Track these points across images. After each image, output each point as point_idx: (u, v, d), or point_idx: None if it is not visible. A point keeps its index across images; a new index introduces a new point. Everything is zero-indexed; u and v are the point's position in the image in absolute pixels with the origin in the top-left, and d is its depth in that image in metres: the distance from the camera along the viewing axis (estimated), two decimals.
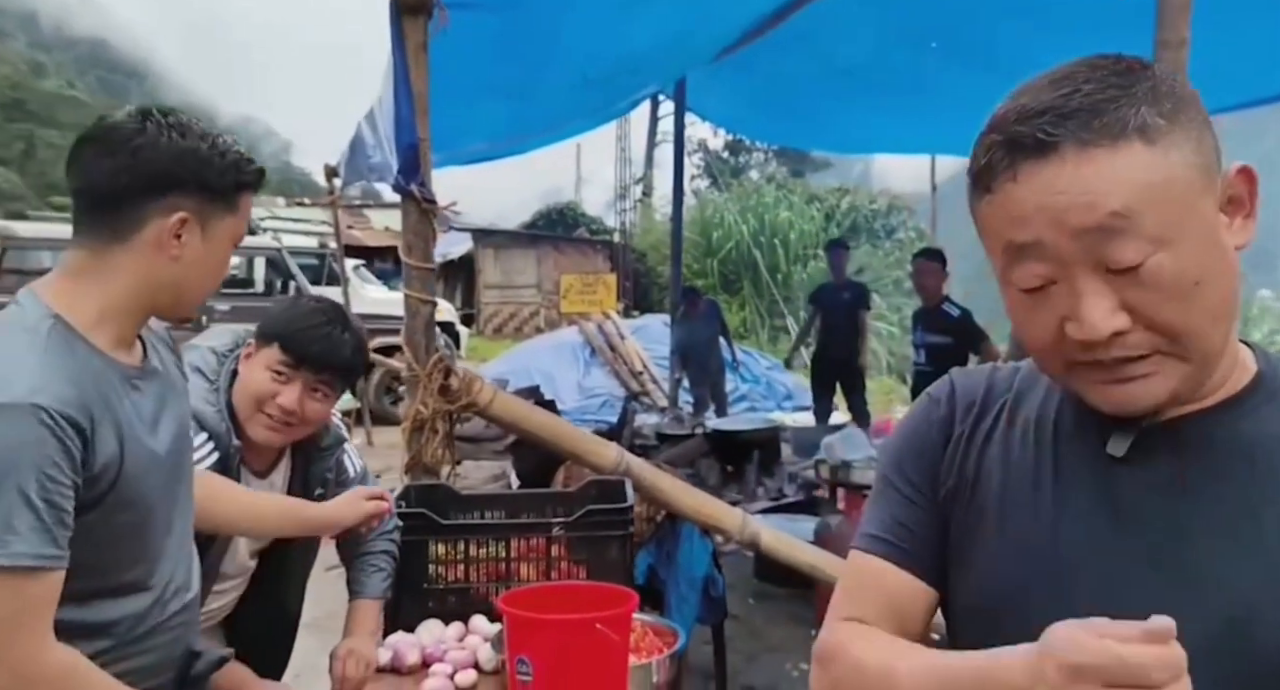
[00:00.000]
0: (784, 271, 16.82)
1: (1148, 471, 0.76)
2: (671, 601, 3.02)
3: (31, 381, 1.10)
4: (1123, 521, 0.76)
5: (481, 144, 4.24)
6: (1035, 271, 0.71)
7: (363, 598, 1.86)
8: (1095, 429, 0.79)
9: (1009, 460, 0.83)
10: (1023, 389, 0.88)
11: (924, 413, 0.91)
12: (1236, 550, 0.72)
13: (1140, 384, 0.71)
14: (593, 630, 1.52)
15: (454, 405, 2.38)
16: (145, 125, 1.20)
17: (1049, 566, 0.78)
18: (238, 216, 1.29)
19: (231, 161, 1.26)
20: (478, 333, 18.68)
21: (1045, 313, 0.73)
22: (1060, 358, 0.74)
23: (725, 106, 7.02)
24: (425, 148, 2.38)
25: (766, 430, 6.60)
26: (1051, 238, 0.69)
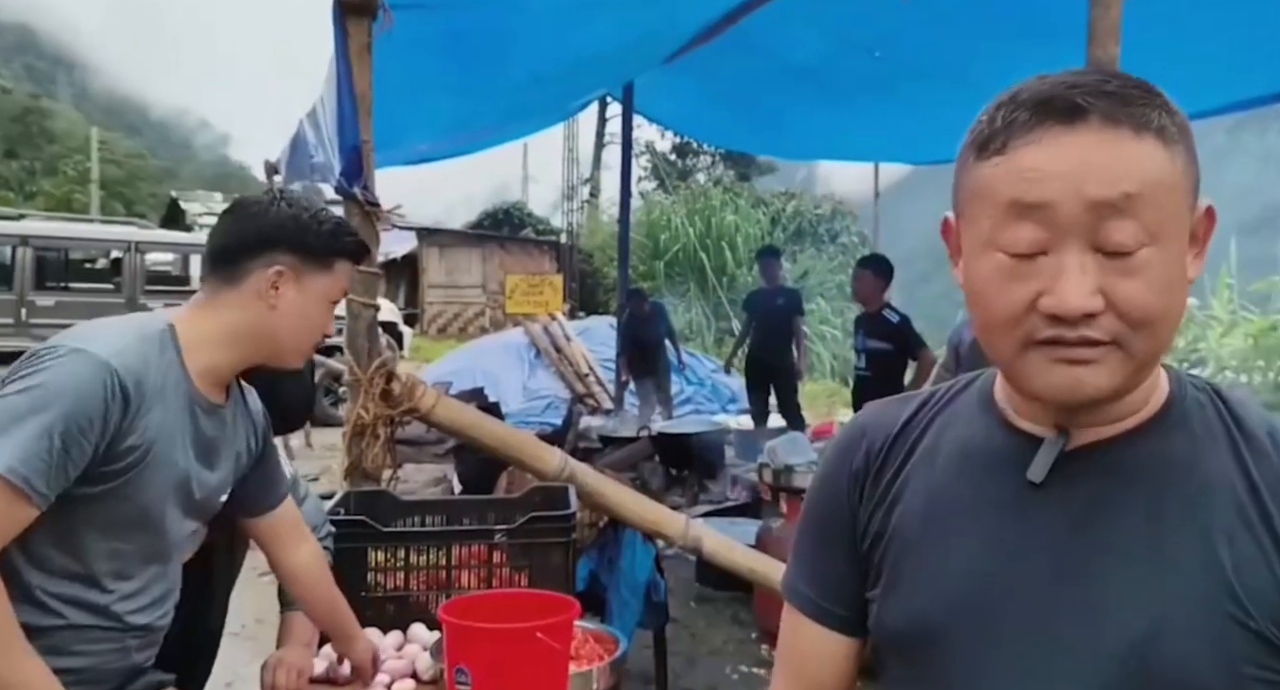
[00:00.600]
0: (730, 274, 16.95)
1: (1065, 497, 0.78)
2: (614, 607, 3.03)
3: (117, 346, 1.30)
4: (1041, 549, 0.77)
5: (425, 144, 4.18)
6: (1031, 236, 0.71)
7: (297, 609, 1.83)
8: (1015, 456, 0.81)
9: (929, 492, 0.84)
10: (946, 417, 0.89)
11: (835, 462, 0.92)
12: (1147, 572, 0.74)
13: (1090, 370, 0.72)
14: (533, 639, 1.51)
15: (396, 410, 2.35)
16: (266, 198, 1.48)
17: (970, 598, 0.79)
18: (333, 277, 1.50)
19: (329, 230, 1.49)
20: (421, 333, 18.46)
21: (1022, 283, 0.72)
22: (1019, 334, 0.73)
23: (673, 109, 7.05)
24: (368, 149, 2.35)
25: (711, 433, 6.64)
26: (1064, 203, 0.70)
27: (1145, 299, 0.71)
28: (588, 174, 25.04)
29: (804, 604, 0.92)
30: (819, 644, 0.91)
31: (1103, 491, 0.77)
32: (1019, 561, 0.77)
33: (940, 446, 0.86)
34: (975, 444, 0.84)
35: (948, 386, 0.92)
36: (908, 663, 0.84)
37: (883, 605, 0.85)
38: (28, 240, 8.76)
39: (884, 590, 0.85)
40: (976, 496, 0.81)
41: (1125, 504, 0.76)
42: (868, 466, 0.89)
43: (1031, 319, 0.73)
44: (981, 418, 0.85)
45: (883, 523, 0.86)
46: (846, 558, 0.89)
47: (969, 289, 0.79)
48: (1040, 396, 0.76)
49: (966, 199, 0.77)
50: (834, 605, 0.90)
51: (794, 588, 0.93)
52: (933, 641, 0.80)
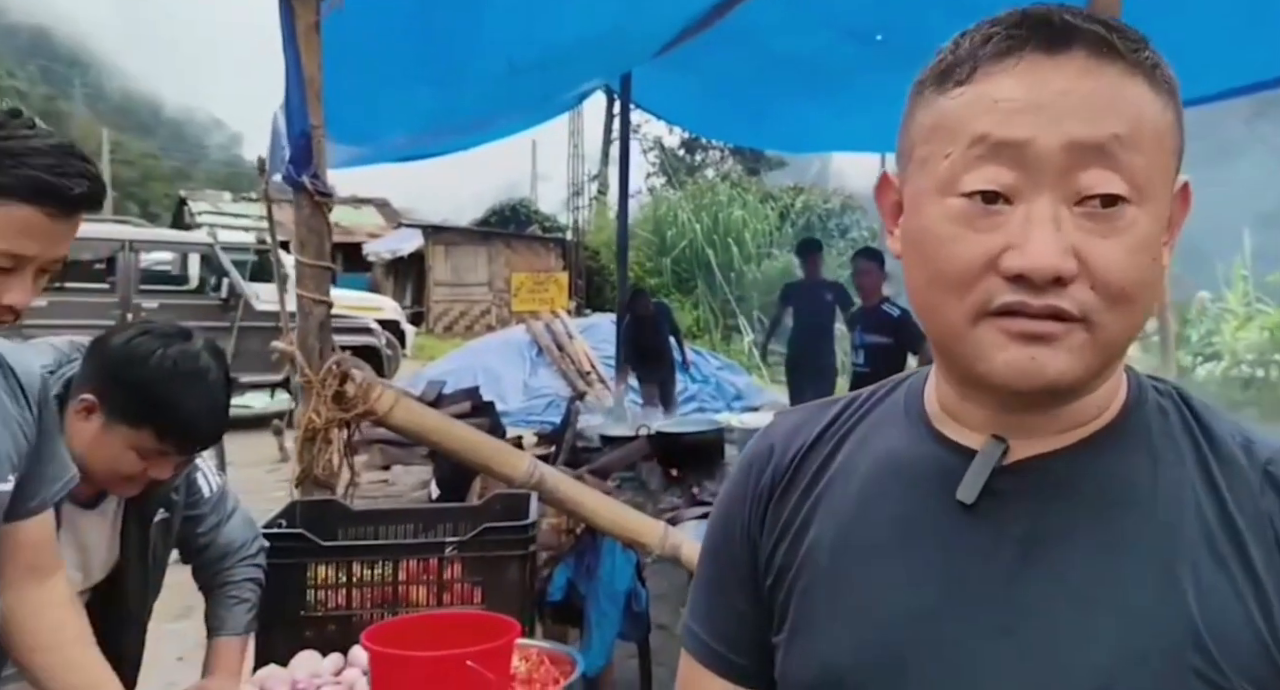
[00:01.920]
0: (737, 270, 16.79)
1: (1001, 522, 0.64)
2: (592, 618, 2.90)
3: None
4: (970, 584, 0.63)
5: (403, 137, 4.05)
6: (1000, 177, 0.59)
7: (223, 634, 1.68)
8: (944, 473, 0.66)
9: (841, 518, 0.70)
10: (867, 426, 0.74)
11: (737, 483, 0.78)
12: (1097, 617, 0.60)
13: (1052, 351, 0.59)
14: (464, 668, 1.38)
15: (349, 413, 2.21)
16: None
17: (883, 642, 0.65)
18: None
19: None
20: (427, 331, 18.40)
21: (983, 235, 0.60)
22: (973, 299, 0.60)
23: (675, 103, 6.90)
24: (319, 136, 2.20)
25: (710, 432, 6.48)
26: (1040, 140, 0.58)
27: (1126, 266, 0.58)
28: (596, 170, 24.92)
29: (698, 650, 0.77)
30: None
31: (1046, 517, 0.62)
32: (945, 602, 0.63)
33: (857, 462, 0.71)
34: (897, 458, 0.69)
35: (873, 389, 0.77)
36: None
37: (787, 653, 0.70)
38: None
39: (789, 635, 0.70)
40: (896, 522, 0.67)
41: (1072, 532, 0.62)
42: (773, 488, 0.74)
43: (989, 281, 0.60)
44: (906, 426, 0.71)
45: (788, 555, 0.71)
46: (747, 597, 0.75)
47: (910, 242, 0.65)
48: (989, 380, 0.61)
49: (919, 140, 0.63)
50: (732, 652, 0.76)
51: (688, 630, 0.79)
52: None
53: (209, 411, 1.48)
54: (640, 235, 18.03)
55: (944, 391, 0.69)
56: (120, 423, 1.43)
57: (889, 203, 0.69)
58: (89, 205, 1.18)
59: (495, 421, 5.83)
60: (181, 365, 1.45)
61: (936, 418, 0.70)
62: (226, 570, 1.72)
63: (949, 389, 0.68)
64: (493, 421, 5.62)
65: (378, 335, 10.01)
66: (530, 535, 1.98)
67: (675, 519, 3.47)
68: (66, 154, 1.15)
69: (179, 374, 1.44)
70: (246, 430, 8.36)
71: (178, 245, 10.53)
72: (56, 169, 1.12)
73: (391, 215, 25.84)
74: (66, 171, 1.13)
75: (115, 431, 1.43)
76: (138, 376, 1.43)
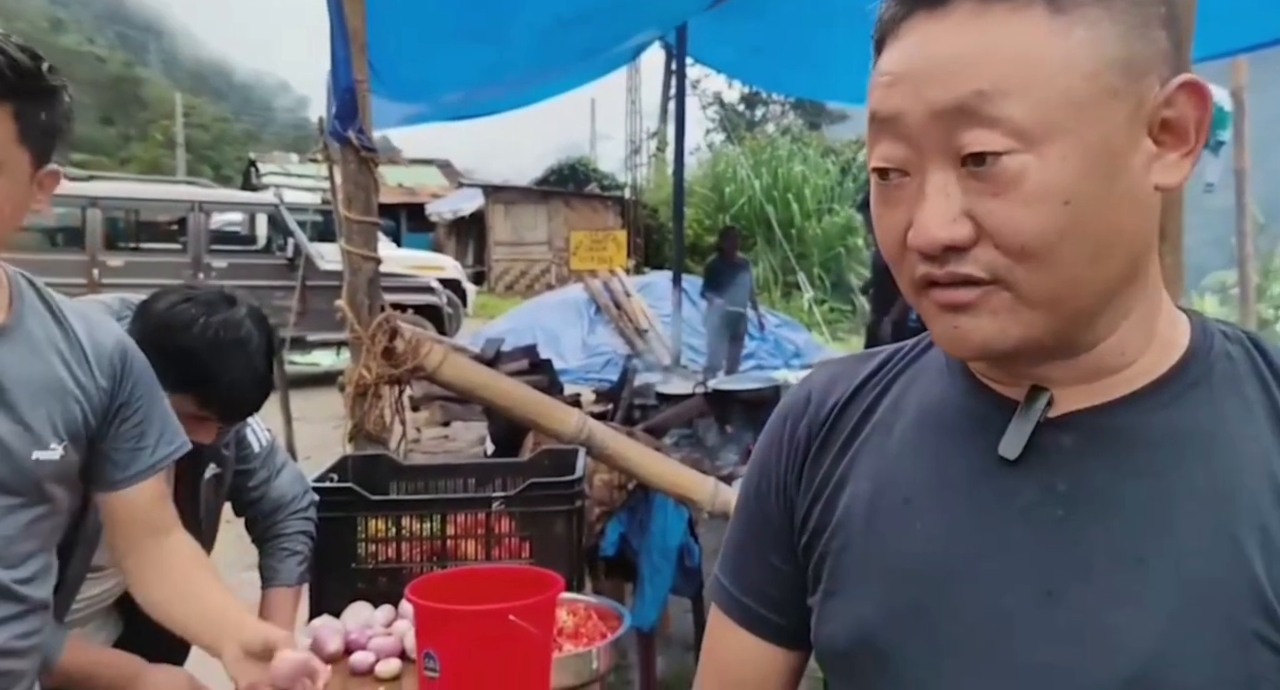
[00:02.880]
0: (798, 226, 16.50)
1: (1045, 478, 0.59)
2: (644, 573, 2.90)
3: None
4: (1010, 543, 0.59)
5: (457, 94, 4.02)
6: (889, 153, 0.58)
7: (275, 585, 1.72)
8: (987, 426, 0.62)
9: (880, 468, 0.66)
10: (909, 377, 0.70)
11: (774, 434, 0.75)
12: (1150, 575, 0.55)
13: (971, 317, 0.57)
14: (506, 622, 1.37)
15: (399, 369, 2.23)
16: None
17: (918, 604, 0.61)
18: None
19: None
20: (488, 290, 18.56)
21: (893, 212, 0.59)
22: (907, 274, 0.60)
23: (733, 55, 6.73)
24: (364, 90, 2.19)
25: (767, 389, 6.43)
26: (911, 112, 0.56)
27: (1021, 219, 0.53)
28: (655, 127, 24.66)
29: (729, 606, 0.75)
30: (746, 656, 0.74)
31: (1093, 473, 0.58)
32: (983, 563, 0.59)
33: (897, 415, 0.68)
34: (937, 410, 0.65)
35: (917, 340, 0.72)
36: (849, 686, 0.67)
37: (821, 613, 0.67)
38: (97, 202, 8.95)
39: (823, 596, 0.67)
40: (934, 478, 0.63)
41: (1122, 489, 0.57)
42: (809, 441, 0.71)
43: (910, 256, 0.59)
44: (948, 376, 0.66)
45: (824, 514, 0.68)
46: (780, 554, 0.72)
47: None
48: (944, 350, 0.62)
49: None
50: (766, 610, 0.73)
51: (718, 583, 0.76)
52: (876, 661, 0.63)
53: (250, 381, 1.47)
54: (698, 192, 17.82)
55: None
56: (166, 388, 1.44)
57: None
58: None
59: (553, 379, 5.86)
60: (224, 335, 1.44)
61: (977, 368, 0.65)
62: (279, 523, 1.75)
63: None
64: (550, 379, 5.64)
65: (439, 294, 10.12)
66: (577, 490, 1.98)
67: (731, 476, 3.45)
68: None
69: (221, 343, 1.43)
70: (314, 387, 8.57)
71: (245, 206, 10.74)
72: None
73: (453, 175, 26.02)
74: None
75: None
76: (179, 344, 1.42)
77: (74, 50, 58.35)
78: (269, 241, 9.85)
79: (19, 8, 56.47)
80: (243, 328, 1.47)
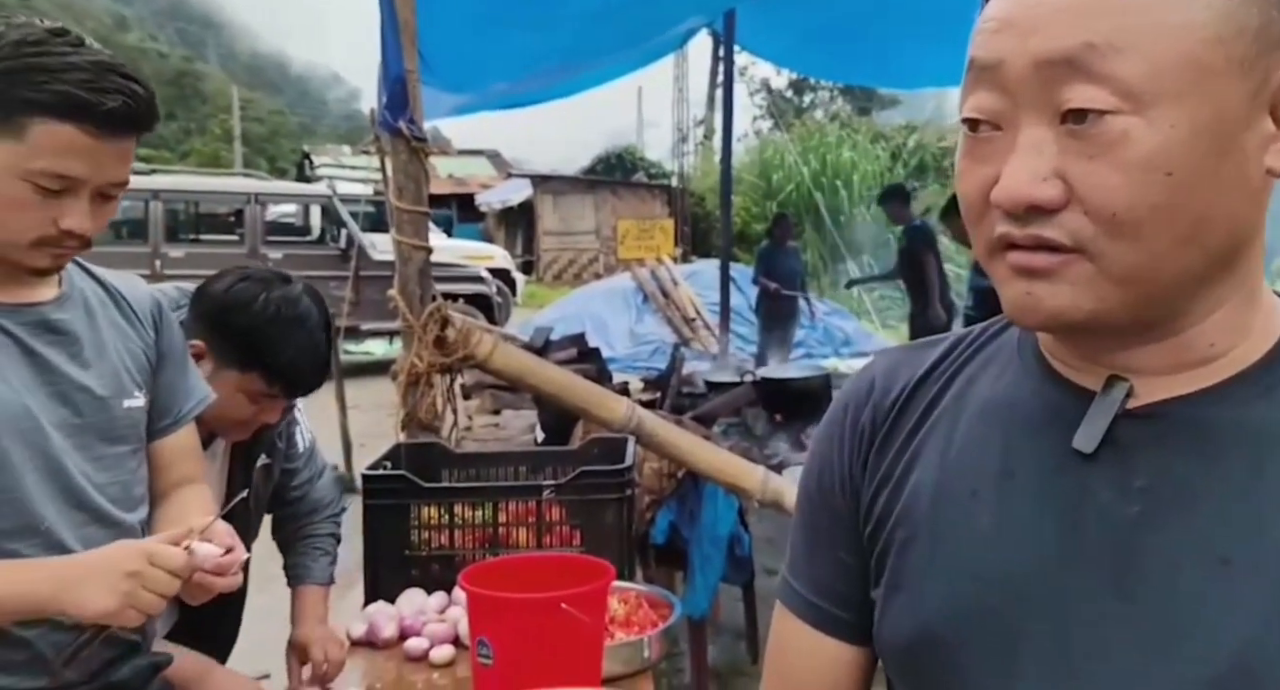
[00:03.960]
0: (846, 213, 16.30)
1: (1123, 472, 0.56)
2: (695, 561, 2.89)
3: None
4: (1085, 541, 0.56)
5: (504, 84, 4.03)
6: (984, 103, 0.55)
7: (309, 583, 1.74)
8: (1061, 417, 0.59)
9: (946, 458, 0.64)
10: (977, 365, 0.67)
11: (834, 426, 0.72)
12: (1238, 578, 0.52)
13: (1047, 285, 0.54)
14: (558, 610, 1.38)
15: (450, 358, 2.24)
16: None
17: (984, 602, 0.59)
18: (23, 148, 1.04)
19: (16, 67, 1.03)
20: (537, 279, 18.67)
21: (980, 166, 0.56)
22: (984, 233, 0.57)
23: (782, 42, 6.65)
24: (414, 80, 2.20)
25: (817, 378, 6.37)
26: (1013, 60, 0.53)
27: (1117, 186, 0.50)
28: (702, 115, 24.53)
29: (799, 607, 0.72)
30: (818, 657, 0.72)
31: (1175, 468, 0.55)
32: (1054, 561, 0.57)
33: (965, 404, 0.65)
34: (1007, 399, 0.63)
35: (984, 326, 0.69)
36: (911, 684, 0.65)
37: (885, 609, 0.65)
38: (158, 194, 9.18)
39: (886, 591, 0.65)
40: (1004, 470, 0.60)
41: (1207, 486, 0.54)
42: (874, 430, 0.68)
43: (991, 213, 0.56)
44: (1019, 365, 0.64)
45: (888, 503, 0.66)
46: (849, 547, 0.69)
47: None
48: (1009, 318, 0.59)
49: None
50: (838, 608, 0.71)
51: (784, 583, 0.74)
52: (941, 660, 0.60)
53: (311, 354, 1.51)
54: (746, 180, 17.68)
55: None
56: (229, 368, 1.48)
57: None
58: (129, 124, 1.10)
59: (601, 367, 5.87)
60: (284, 310, 1.49)
61: (1054, 354, 0.63)
62: (313, 524, 1.79)
63: None
64: (599, 367, 5.66)
65: (489, 283, 10.22)
66: (627, 479, 1.97)
67: (782, 464, 3.43)
68: (105, 70, 1.07)
69: (282, 318, 1.48)
70: (367, 375, 8.70)
71: (299, 197, 10.93)
72: (91, 85, 1.05)
73: (502, 166, 26.19)
74: (102, 87, 1.06)
75: (225, 376, 1.47)
76: (243, 322, 1.47)
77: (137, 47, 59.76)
78: (323, 232, 10.03)
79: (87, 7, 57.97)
80: (301, 303, 1.51)
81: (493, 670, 1.40)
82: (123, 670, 1.24)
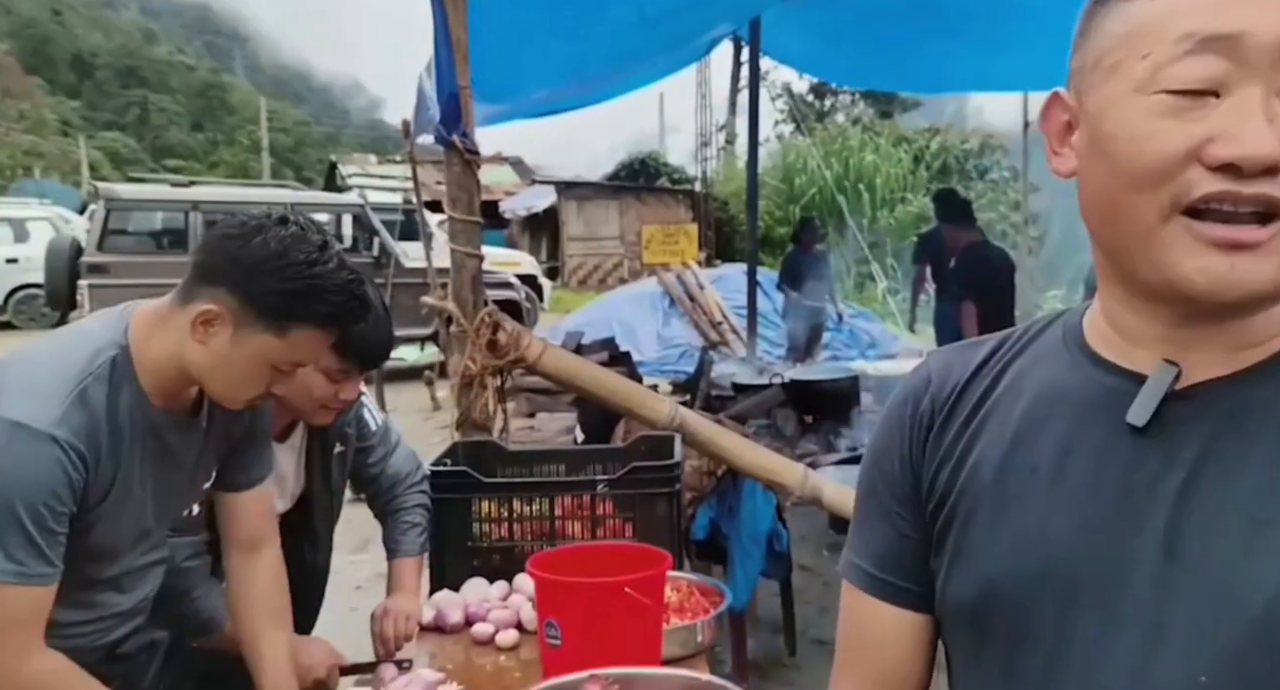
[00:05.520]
0: (870, 216, 16.32)
1: (1171, 445, 0.63)
2: (734, 556, 2.98)
3: (56, 412, 1.19)
4: (1136, 506, 0.63)
5: (542, 93, 4.14)
6: (1208, 70, 0.57)
7: (399, 556, 1.86)
8: (1112, 398, 0.66)
9: (1005, 442, 0.71)
10: (1026, 359, 0.74)
11: (896, 413, 0.79)
12: (1271, 539, 0.59)
13: (1254, 259, 0.56)
14: (622, 594, 1.47)
15: (502, 360, 2.34)
16: (251, 224, 1.27)
17: (1045, 562, 0.66)
18: (284, 343, 1.29)
19: (290, 289, 1.25)
20: (563, 285, 18.80)
21: (1186, 125, 0.57)
22: (1169, 191, 0.58)
23: (804, 48, 6.70)
24: (466, 96, 2.31)
25: (845, 380, 6.42)
26: (1256, 33, 0.56)
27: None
28: (723, 120, 24.59)
29: (859, 578, 0.80)
30: (881, 623, 0.79)
31: (1220, 441, 0.62)
32: (1108, 524, 0.64)
33: (1021, 390, 0.72)
34: (1060, 386, 0.69)
35: (1026, 326, 0.77)
36: (975, 644, 0.71)
37: (949, 574, 0.72)
38: (198, 206, 9.38)
39: (950, 557, 0.72)
40: (1061, 444, 0.67)
41: (1248, 457, 0.61)
42: (933, 416, 0.76)
43: (1191, 171, 0.57)
44: (1067, 357, 0.71)
45: (950, 480, 0.73)
46: (910, 522, 0.77)
47: (1094, 148, 0.63)
48: (1179, 287, 0.59)
49: (1108, 48, 0.62)
50: (895, 577, 0.78)
51: (849, 564, 0.81)
52: (1006, 618, 0.68)
53: (377, 326, 1.65)
54: (769, 184, 17.73)
55: (1112, 311, 0.68)
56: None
57: (1057, 124, 0.68)
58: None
59: (632, 370, 5.96)
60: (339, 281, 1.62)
61: (1100, 345, 0.70)
62: (398, 498, 1.90)
63: (1118, 307, 0.67)
64: (630, 370, 5.75)
65: (517, 289, 10.34)
66: (676, 474, 2.06)
67: (813, 465, 3.50)
68: (355, 290, 1.33)
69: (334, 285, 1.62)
70: (401, 381, 8.85)
71: (332, 207, 11.12)
72: (346, 306, 1.31)
73: (525, 172, 26.35)
74: (353, 308, 1.33)
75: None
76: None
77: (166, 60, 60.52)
78: (355, 241, 10.18)
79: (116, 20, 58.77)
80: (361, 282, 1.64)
81: (561, 650, 1.50)
82: (126, 645, 1.43)
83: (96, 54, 56.46)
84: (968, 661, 0.73)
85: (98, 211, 9.26)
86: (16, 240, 13.79)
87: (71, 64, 55.66)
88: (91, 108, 53.20)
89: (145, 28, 69.38)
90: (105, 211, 9.11)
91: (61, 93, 51.86)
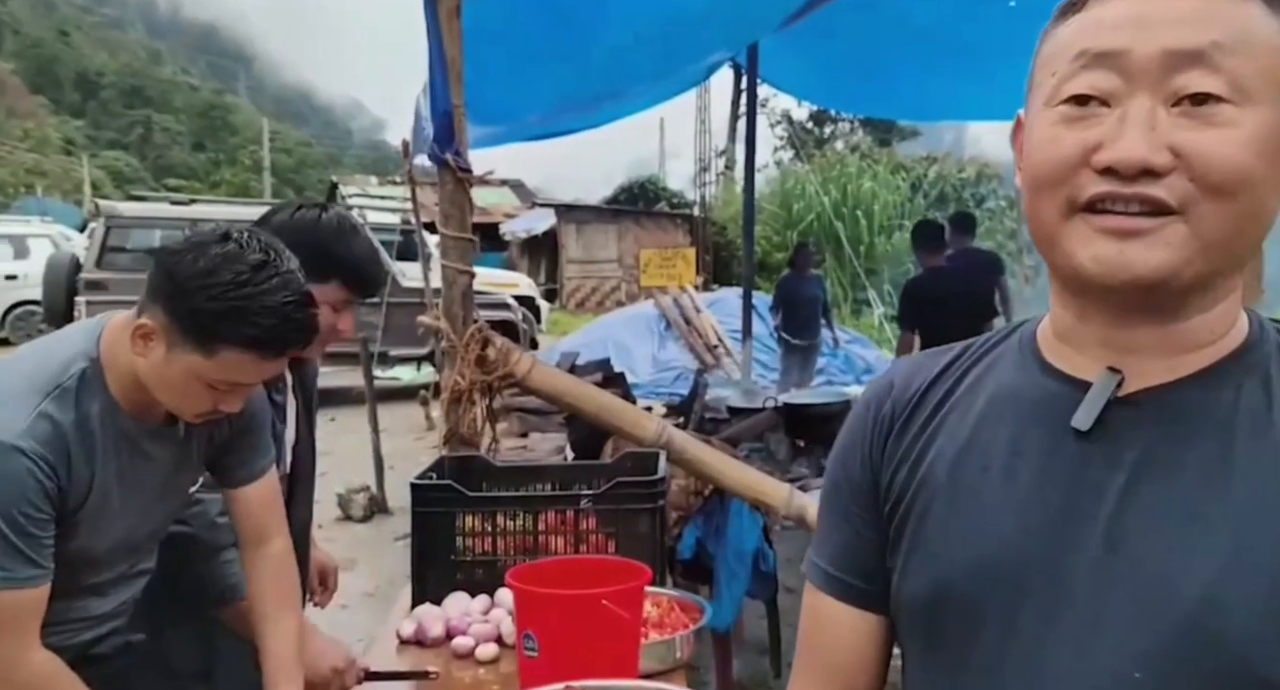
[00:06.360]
0: (867, 243, 16.40)
1: (1114, 448, 0.67)
2: (720, 576, 2.98)
3: (21, 425, 1.21)
4: (1080, 505, 0.66)
5: (539, 114, 4.19)
6: (1098, 82, 0.64)
7: None
8: (1059, 403, 0.69)
9: (959, 445, 0.74)
10: (984, 366, 0.78)
11: (859, 417, 0.82)
12: (1207, 528, 0.62)
13: (1142, 244, 0.62)
14: (599, 606, 1.48)
15: (491, 376, 2.36)
16: (193, 241, 1.27)
17: (995, 557, 0.69)
18: (212, 363, 1.26)
19: (218, 309, 1.22)
20: (560, 307, 18.86)
21: (1078, 133, 0.64)
22: (1064, 193, 0.65)
23: (802, 76, 6.78)
24: (460, 115, 2.34)
25: (838, 404, 6.44)
26: (1137, 50, 0.62)
27: (1224, 154, 0.60)
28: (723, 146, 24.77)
29: (817, 577, 0.83)
30: (837, 623, 0.81)
31: (1159, 444, 0.65)
32: (1054, 522, 0.67)
33: (975, 396, 0.75)
34: (1012, 390, 0.73)
35: (989, 335, 0.80)
36: (927, 638, 0.74)
37: (903, 570, 0.75)
38: (197, 224, 9.42)
39: (905, 554, 0.75)
40: (1010, 446, 0.70)
41: (1185, 457, 0.64)
42: (894, 419, 0.79)
43: (1080, 175, 0.64)
44: (1023, 363, 0.74)
45: (907, 479, 0.76)
46: (868, 522, 0.79)
47: (1023, 157, 0.70)
48: (1080, 276, 0.65)
49: (1037, 68, 0.69)
50: (851, 576, 0.80)
51: (811, 564, 0.84)
52: (955, 612, 0.70)
53: (373, 253, 1.75)
54: (767, 209, 17.84)
55: (1059, 317, 0.72)
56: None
57: (1019, 142, 0.73)
58: (296, 349, 1.35)
59: (626, 392, 5.95)
60: (340, 220, 1.71)
61: (1049, 352, 0.73)
62: None
63: (1059, 310, 0.72)
64: (624, 392, 5.75)
65: (514, 310, 10.36)
66: (659, 490, 2.07)
67: (803, 488, 3.50)
68: (291, 312, 1.27)
69: (343, 228, 1.70)
70: (395, 401, 8.85)
71: None
72: (277, 329, 1.26)
73: (526, 195, 26.54)
74: (285, 332, 1.27)
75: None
76: (315, 239, 1.62)
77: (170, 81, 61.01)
78: None
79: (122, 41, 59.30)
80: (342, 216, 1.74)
81: (538, 661, 1.51)
82: (101, 647, 1.44)
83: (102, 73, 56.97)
84: (921, 656, 0.75)
85: (97, 229, 9.31)
86: (16, 257, 13.85)
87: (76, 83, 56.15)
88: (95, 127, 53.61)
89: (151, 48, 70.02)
90: (105, 229, 9.16)
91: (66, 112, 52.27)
